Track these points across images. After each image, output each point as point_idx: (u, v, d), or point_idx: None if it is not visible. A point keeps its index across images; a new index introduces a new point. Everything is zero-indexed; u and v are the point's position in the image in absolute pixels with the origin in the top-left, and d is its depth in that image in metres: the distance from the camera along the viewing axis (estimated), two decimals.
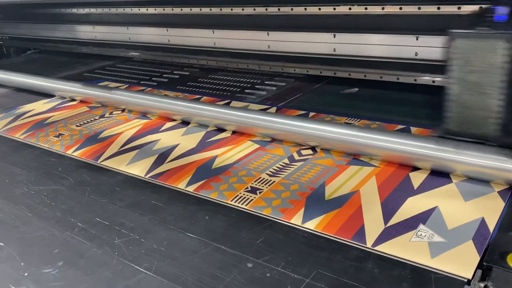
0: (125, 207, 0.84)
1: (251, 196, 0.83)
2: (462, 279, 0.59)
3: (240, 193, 0.84)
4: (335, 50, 1.32)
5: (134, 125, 1.23)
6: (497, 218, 0.70)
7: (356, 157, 0.93)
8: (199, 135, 1.12)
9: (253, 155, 0.99)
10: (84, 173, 0.99)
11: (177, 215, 0.80)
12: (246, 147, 1.04)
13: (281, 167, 0.93)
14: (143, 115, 1.30)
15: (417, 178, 0.84)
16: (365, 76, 1.29)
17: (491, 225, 0.69)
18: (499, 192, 0.77)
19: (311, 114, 1.17)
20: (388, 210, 0.75)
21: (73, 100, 1.51)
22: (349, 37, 1.29)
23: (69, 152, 1.11)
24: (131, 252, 0.71)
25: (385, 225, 0.71)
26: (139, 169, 0.98)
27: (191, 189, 0.88)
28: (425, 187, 0.81)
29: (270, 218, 0.76)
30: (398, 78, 1.23)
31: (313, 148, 0.99)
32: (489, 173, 0.79)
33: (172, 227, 0.77)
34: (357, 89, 1.34)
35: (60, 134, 1.22)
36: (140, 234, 0.76)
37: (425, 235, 0.68)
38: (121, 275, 0.66)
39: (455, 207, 0.74)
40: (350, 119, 1.11)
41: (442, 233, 0.68)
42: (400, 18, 1.21)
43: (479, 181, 0.81)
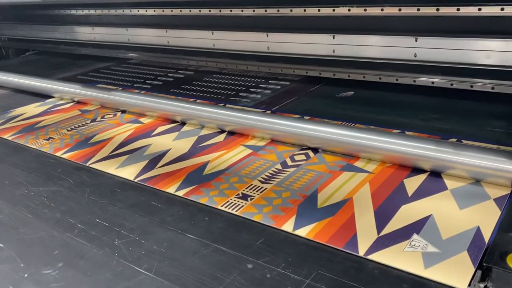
0: (125, 208, 0.84)
1: (241, 203, 0.82)
2: None
3: (231, 199, 0.83)
4: (334, 51, 1.33)
5: (126, 129, 1.22)
6: (493, 227, 0.68)
7: (350, 162, 0.92)
8: (191, 139, 1.11)
9: (246, 160, 0.98)
10: (83, 174, 0.99)
11: (177, 216, 0.80)
12: (239, 152, 1.02)
13: (273, 173, 0.91)
14: (136, 119, 1.29)
15: (411, 185, 0.82)
16: (364, 77, 1.30)
17: (487, 234, 0.67)
18: (495, 200, 0.75)
19: (305, 118, 1.14)
20: (382, 218, 0.73)
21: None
22: (348, 38, 1.29)
23: (58, 154, 1.10)
24: (131, 253, 0.71)
25: (378, 234, 0.70)
26: (128, 172, 0.97)
27: (180, 193, 0.87)
28: (419, 194, 0.79)
29: None
30: (397, 79, 1.24)
31: (306, 154, 0.98)
32: (489, 174, 0.79)
33: (172, 228, 0.77)
34: (353, 92, 1.34)
35: (51, 138, 1.21)
36: (140, 235, 0.76)
37: (419, 245, 0.66)
38: (121, 276, 0.66)
39: (450, 215, 0.73)
40: (344, 123, 1.09)
41: (436, 243, 0.66)
42: (399, 19, 1.21)
43: (474, 188, 0.79)
